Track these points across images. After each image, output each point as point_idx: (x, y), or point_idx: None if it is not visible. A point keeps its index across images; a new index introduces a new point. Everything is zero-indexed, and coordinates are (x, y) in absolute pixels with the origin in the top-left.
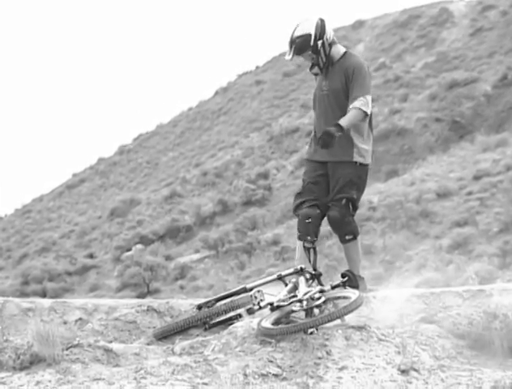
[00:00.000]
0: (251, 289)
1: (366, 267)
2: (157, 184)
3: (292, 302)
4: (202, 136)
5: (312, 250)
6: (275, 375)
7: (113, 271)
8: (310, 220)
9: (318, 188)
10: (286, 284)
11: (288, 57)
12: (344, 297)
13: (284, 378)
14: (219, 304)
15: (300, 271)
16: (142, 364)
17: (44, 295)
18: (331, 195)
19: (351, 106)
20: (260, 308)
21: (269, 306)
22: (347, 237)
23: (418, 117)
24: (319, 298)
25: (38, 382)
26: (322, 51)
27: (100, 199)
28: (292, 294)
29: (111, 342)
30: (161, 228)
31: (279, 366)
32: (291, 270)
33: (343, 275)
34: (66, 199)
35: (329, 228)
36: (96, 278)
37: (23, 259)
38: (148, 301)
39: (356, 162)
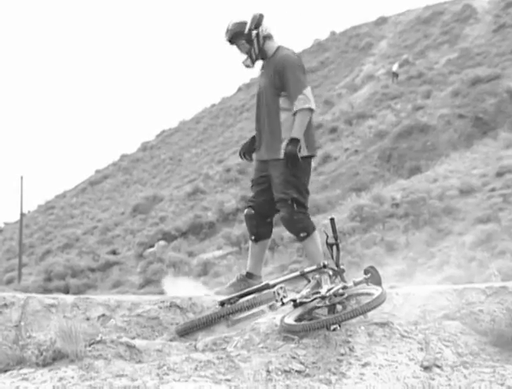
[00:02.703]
0: (274, 286)
1: (389, 263)
2: (180, 180)
3: (314, 299)
4: (225, 132)
5: (335, 247)
6: (298, 372)
7: (136, 268)
8: (247, 221)
9: (258, 188)
10: (309, 281)
11: (224, 41)
12: (367, 294)
13: (307, 375)
14: (241, 300)
15: (323, 268)
16: (165, 360)
17: (67, 291)
18: (274, 195)
19: (294, 109)
20: (283, 304)
21: (292, 303)
22: (301, 235)
23: (441, 114)
24: (342, 295)
25: (61, 379)
26: (255, 42)
27: (122, 196)
28: (315, 291)
29: (134, 338)
30: (184, 225)
31: (301, 363)
32: (314, 266)
33: (365, 272)
34: (89, 196)
35: (351, 224)
36: (119, 274)
37: (46, 256)
38: (171, 297)
39: (285, 159)
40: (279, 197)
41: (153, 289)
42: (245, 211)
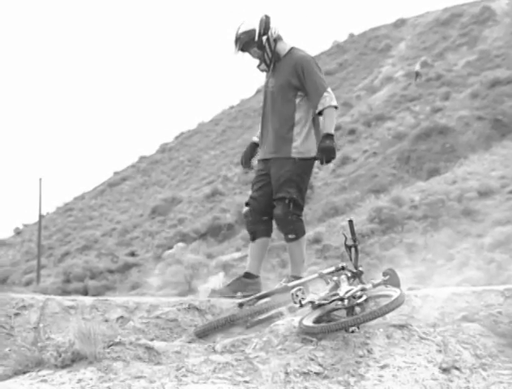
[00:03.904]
0: (292, 287)
1: (408, 265)
2: (199, 182)
3: (333, 300)
4: (244, 134)
5: (353, 248)
6: (317, 373)
7: (155, 270)
8: (244, 218)
9: (258, 185)
10: (327, 283)
11: (235, 53)
12: (386, 296)
13: (326, 377)
14: (260, 302)
15: (342, 270)
16: (184, 362)
17: (85, 293)
18: (274, 194)
19: (321, 107)
20: (301, 306)
21: (310, 305)
22: (289, 236)
23: (460, 116)
24: (361, 296)
25: (79, 380)
26: (267, 47)
27: (141, 197)
28: (334, 292)
29: (152, 340)
30: (203, 227)
31: (320, 364)
32: (332, 268)
33: (384, 274)
34: (108, 197)
35: (370, 226)
36: (138, 276)
37: (64, 257)
38: (190, 299)
39: (294, 158)
40: (279, 195)
41: (172, 291)
42: (244, 208)
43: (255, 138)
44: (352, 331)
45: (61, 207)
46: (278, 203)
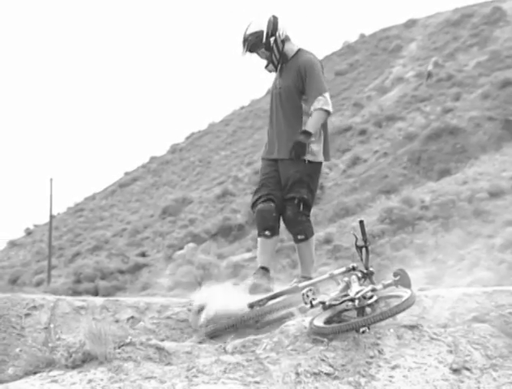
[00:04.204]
0: (303, 288)
1: (419, 265)
2: (209, 183)
3: (344, 301)
4: (255, 135)
5: (364, 249)
6: (327, 374)
7: (165, 270)
8: (265, 214)
9: (273, 182)
10: (338, 283)
11: (243, 54)
12: (396, 296)
13: (336, 377)
14: (271, 302)
15: (353, 270)
16: (194, 362)
17: (96, 293)
18: (284, 194)
19: (312, 108)
20: (312, 307)
21: (321, 305)
22: (299, 237)
23: (470, 116)
24: (371, 297)
25: (90, 381)
26: (274, 48)
27: (152, 198)
28: (345, 293)
29: (163, 340)
30: (213, 227)
31: (331, 365)
32: (343, 269)
33: (395, 274)
34: (119, 198)
35: (380, 227)
36: (148, 276)
37: (75, 258)
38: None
39: (305, 160)
40: (289, 195)
41: (182, 292)
42: (262, 205)
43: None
44: (363, 332)
45: (72, 207)
46: (288, 203)
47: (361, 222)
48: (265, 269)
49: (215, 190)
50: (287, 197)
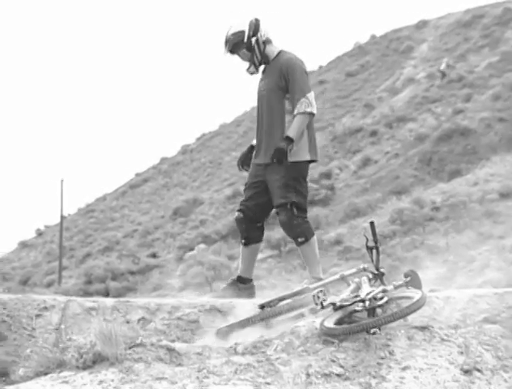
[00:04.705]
0: (314, 289)
1: (429, 266)
2: (220, 184)
3: (354, 302)
4: None
5: (375, 250)
6: (338, 375)
7: (176, 271)
8: (237, 224)
9: (252, 190)
10: (349, 284)
11: (223, 54)
12: (407, 297)
13: (347, 378)
14: (281, 303)
15: (363, 271)
16: (205, 363)
17: (107, 294)
18: (273, 201)
19: (295, 111)
20: (323, 308)
21: (332, 306)
22: (299, 240)
23: (481, 117)
24: (382, 298)
25: (101, 382)
26: (256, 48)
27: (163, 199)
28: (355, 294)
29: (174, 341)
30: (224, 228)
31: (341, 366)
32: (353, 270)
33: (405, 275)
34: (129, 199)
35: (391, 228)
36: (159, 277)
37: (86, 259)
38: (211, 300)
39: (288, 162)
40: (279, 202)
41: (193, 292)
42: (236, 214)
43: (254, 142)
44: (374, 333)
45: (83, 208)
46: (280, 209)
47: (372, 223)
48: (239, 278)
49: (226, 191)
50: (276, 204)
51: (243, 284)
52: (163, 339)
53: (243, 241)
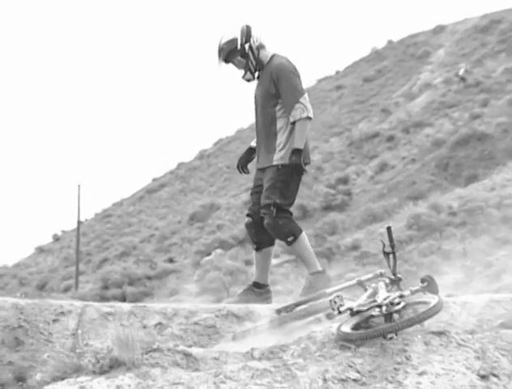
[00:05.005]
0: (331, 294)
1: (446, 272)
2: (237, 189)
3: (371, 307)
4: None
5: (391, 255)
6: (355, 380)
7: (193, 276)
8: (247, 230)
9: (256, 195)
10: (365, 289)
11: (217, 65)
12: (424, 303)
13: (364, 383)
14: (298, 309)
15: (380, 276)
16: (222, 368)
17: (123, 299)
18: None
19: (292, 119)
20: (339, 313)
21: (348, 311)
22: (288, 240)
23: (498, 122)
24: (399, 303)
25: (118, 387)
26: (250, 54)
27: (179, 204)
28: (372, 299)
29: (190, 346)
30: (241, 233)
31: (358, 371)
32: (370, 275)
33: (422, 281)
34: (146, 204)
35: (408, 233)
36: (176, 282)
37: (103, 264)
38: (228, 305)
39: (277, 165)
40: (263, 202)
41: (210, 297)
42: (245, 220)
43: (253, 144)
44: (390, 338)
45: (100, 213)
46: (264, 211)
47: (389, 228)
48: (255, 284)
49: (243, 197)
50: (261, 204)
51: (259, 290)
52: (180, 345)
53: (254, 246)
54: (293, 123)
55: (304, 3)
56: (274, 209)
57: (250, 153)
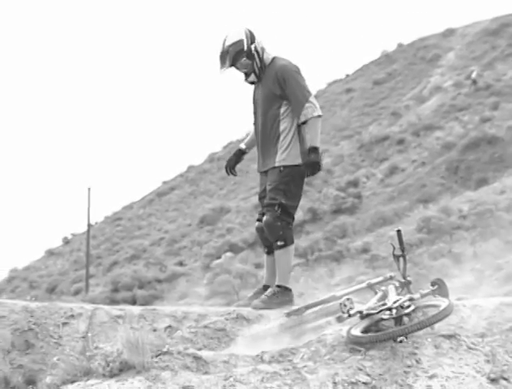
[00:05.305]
0: (341, 297)
1: (456, 275)
2: (247, 192)
3: (381, 310)
4: None
5: (402, 258)
6: (365, 383)
7: (203, 279)
8: (258, 233)
9: (263, 201)
10: (375, 293)
11: (222, 70)
12: (434, 306)
13: (374, 387)
14: (308, 312)
15: (390, 280)
16: (232, 371)
17: (133, 302)
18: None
19: (303, 118)
20: (349, 316)
21: (358, 314)
22: (278, 243)
23: (509, 126)
24: (409, 306)
25: None
26: (256, 56)
27: (189, 207)
28: (382, 302)
29: (200, 349)
30: (251, 236)
31: (368, 374)
32: (380, 278)
33: (432, 284)
34: (156, 207)
35: (418, 236)
36: (186, 286)
37: (113, 267)
38: (238, 308)
39: (279, 167)
40: (267, 202)
41: (220, 301)
42: (256, 224)
43: (242, 146)
44: (400, 341)
45: (110, 216)
46: (267, 209)
47: (399, 231)
48: (264, 287)
49: (253, 200)
50: (265, 204)
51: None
52: (189, 348)
53: (266, 249)
54: (303, 123)
55: (314, 7)
56: (279, 209)
57: (239, 155)
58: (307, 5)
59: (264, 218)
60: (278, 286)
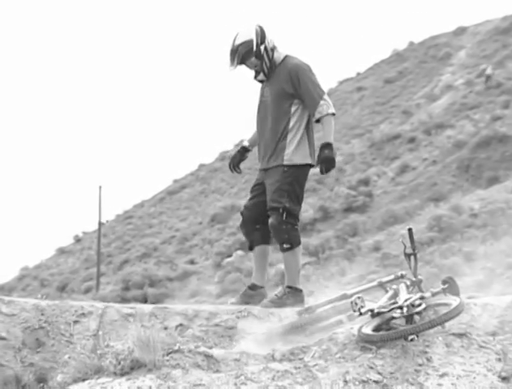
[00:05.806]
0: (352, 296)
1: (467, 273)
2: None
3: (392, 309)
4: None
5: (413, 257)
6: (376, 382)
7: (214, 277)
8: (241, 230)
9: (254, 194)
10: (386, 291)
11: (231, 67)
12: (445, 304)
13: (385, 385)
14: (319, 310)
15: (401, 278)
16: (243, 370)
17: (144, 300)
18: (267, 204)
19: (318, 115)
20: (361, 314)
21: (369, 313)
22: (284, 246)
23: None
24: (420, 305)
25: (139, 388)
26: (265, 56)
27: (200, 205)
28: (393, 301)
29: (211, 348)
30: None
31: (379, 373)
32: (391, 276)
33: (443, 282)
34: (167, 205)
35: (429, 234)
36: (197, 284)
37: (124, 265)
38: (249, 306)
39: (284, 167)
40: (271, 205)
41: (231, 299)
42: (239, 222)
43: (246, 143)
44: (411, 340)
45: (121, 214)
46: (271, 213)
47: (410, 230)
48: (251, 285)
49: None
50: (269, 207)
51: (251, 291)
52: (200, 346)
53: (248, 245)
54: (317, 121)
55: (326, 5)
56: (284, 213)
57: (243, 153)
58: (319, 4)
59: (270, 221)
60: (288, 287)
